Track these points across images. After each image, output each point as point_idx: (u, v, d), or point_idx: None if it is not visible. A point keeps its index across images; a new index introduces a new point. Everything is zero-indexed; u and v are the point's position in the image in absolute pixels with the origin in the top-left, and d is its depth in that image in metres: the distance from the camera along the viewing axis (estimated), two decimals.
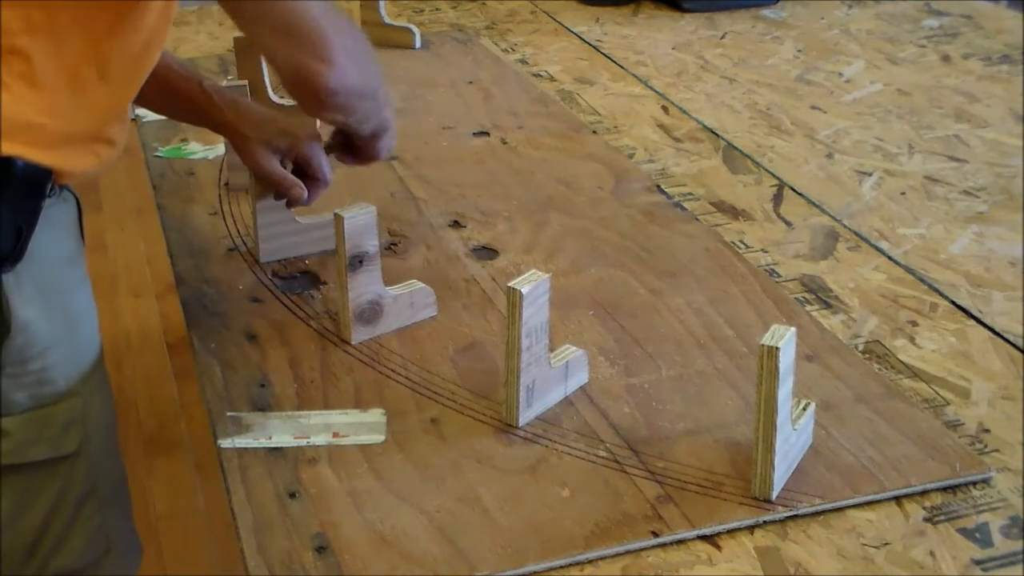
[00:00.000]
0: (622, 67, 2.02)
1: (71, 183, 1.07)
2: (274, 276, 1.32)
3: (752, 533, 0.95)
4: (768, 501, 0.97)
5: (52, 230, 1.04)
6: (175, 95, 1.30)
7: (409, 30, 2.09)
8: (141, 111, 1.78)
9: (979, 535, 0.95)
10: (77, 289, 1.11)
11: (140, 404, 2.45)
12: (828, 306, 1.28)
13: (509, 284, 1.01)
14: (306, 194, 1.27)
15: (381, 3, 2.09)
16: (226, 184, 1.54)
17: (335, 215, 1.15)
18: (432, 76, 1.96)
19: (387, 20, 2.10)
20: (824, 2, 2.37)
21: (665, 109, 1.84)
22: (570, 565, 0.91)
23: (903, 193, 1.55)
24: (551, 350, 1.08)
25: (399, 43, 2.08)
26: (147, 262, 2.84)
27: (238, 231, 1.43)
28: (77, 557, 1.16)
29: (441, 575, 0.90)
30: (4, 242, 0.99)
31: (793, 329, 0.94)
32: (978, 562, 0.92)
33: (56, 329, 1.07)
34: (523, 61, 2.06)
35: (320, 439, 1.05)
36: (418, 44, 2.09)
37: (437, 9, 2.37)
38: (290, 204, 1.30)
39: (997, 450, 1.05)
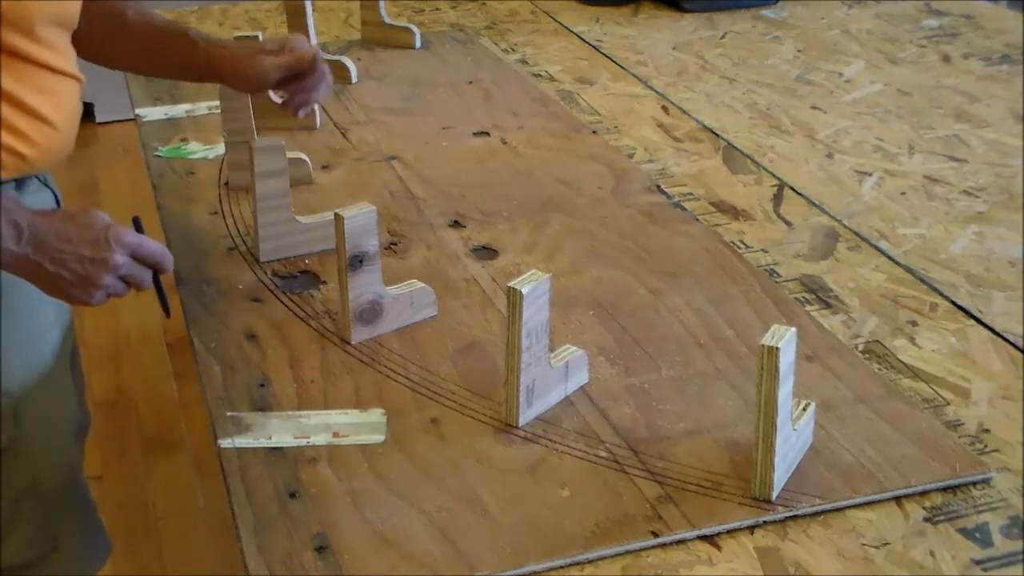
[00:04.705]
0: (622, 67, 2.02)
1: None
2: (274, 276, 1.32)
3: (752, 533, 0.95)
4: (768, 501, 0.97)
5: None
6: (161, 50, 1.27)
7: (409, 30, 2.09)
8: (142, 111, 1.78)
9: (979, 535, 0.95)
10: (29, 287, 1.08)
11: (140, 404, 2.46)
12: (828, 306, 1.28)
13: (509, 284, 1.01)
14: (318, 93, 1.27)
15: (381, 3, 2.09)
16: (226, 184, 1.54)
17: (335, 215, 1.15)
18: (432, 76, 1.96)
19: (387, 20, 2.10)
20: (824, 2, 2.37)
21: (665, 109, 1.84)
22: (570, 565, 0.92)
23: (903, 193, 1.55)
24: (551, 350, 1.08)
25: (399, 43, 2.09)
26: None
27: (238, 231, 1.43)
28: (15, 552, 1.17)
29: (441, 575, 0.90)
30: None
31: (793, 329, 0.94)
32: (978, 562, 0.92)
33: None
34: (523, 61, 2.06)
35: (320, 439, 1.05)
36: (418, 44, 2.09)
37: (437, 9, 2.37)
38: (298, 108, 1.29)
39: (997, 450, 1.05)
